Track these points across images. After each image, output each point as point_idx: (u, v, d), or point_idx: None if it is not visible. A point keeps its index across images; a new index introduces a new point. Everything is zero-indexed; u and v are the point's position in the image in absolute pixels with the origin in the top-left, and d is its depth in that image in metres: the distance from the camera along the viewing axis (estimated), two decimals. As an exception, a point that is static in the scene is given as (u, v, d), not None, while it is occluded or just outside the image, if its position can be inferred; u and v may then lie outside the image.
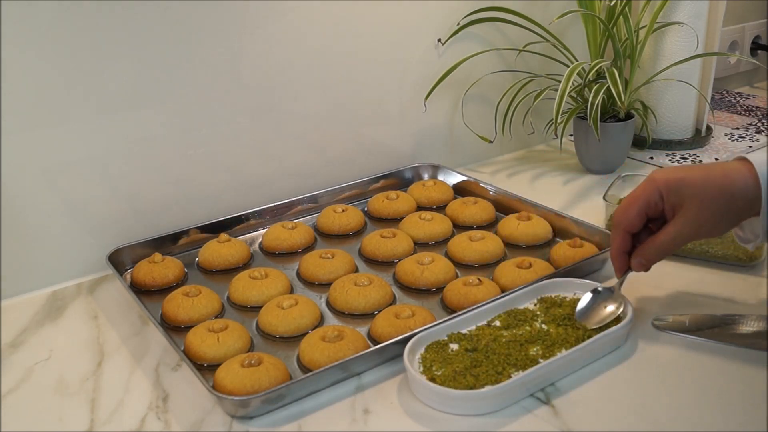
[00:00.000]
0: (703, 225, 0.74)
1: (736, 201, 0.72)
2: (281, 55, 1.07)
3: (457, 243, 0.98)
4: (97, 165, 0.97)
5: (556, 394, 0.73)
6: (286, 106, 1.10)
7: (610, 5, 1.16)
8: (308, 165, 1.15)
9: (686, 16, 1.24)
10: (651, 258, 0.78)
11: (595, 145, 1.19)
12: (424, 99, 1.22)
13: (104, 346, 0.85)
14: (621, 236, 0.78)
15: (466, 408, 0.70)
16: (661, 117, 1.33)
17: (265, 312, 0.85)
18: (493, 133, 1.26)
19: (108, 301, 0.94)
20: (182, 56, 0.99)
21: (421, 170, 1.22)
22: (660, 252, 0.77)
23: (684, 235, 0.75)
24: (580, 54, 1.25)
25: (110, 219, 1.00)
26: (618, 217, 0.78)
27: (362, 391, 0.75)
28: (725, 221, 0.74)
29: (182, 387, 0.77)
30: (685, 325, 0.80)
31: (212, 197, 1.07)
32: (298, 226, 1.04)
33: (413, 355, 0.76)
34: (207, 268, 0.98)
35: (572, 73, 1.11)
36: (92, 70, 0.93)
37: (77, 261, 0.99)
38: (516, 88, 1.23)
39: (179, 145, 1.03)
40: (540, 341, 0.77)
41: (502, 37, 1.27)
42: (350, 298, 0.87)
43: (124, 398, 0.76)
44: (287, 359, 0.79)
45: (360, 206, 1.13)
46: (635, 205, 0.76)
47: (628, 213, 0.76)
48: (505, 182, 1.24)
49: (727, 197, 0.72)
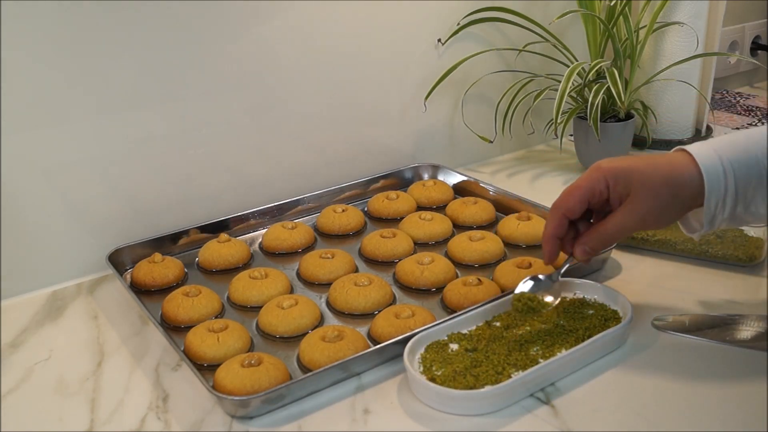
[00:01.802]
0: (649, 215, 0.73)
1: (682, 192, 0.72)
2: (281, 55, 1.07)
3: (457, 243, 0.98)
4: (97, 165, 0.97)
5: (556, 394, 0.73)
6: (286, 106, 1.10)
7: (610, 5, 1.16)
8: (308, 165, 1.15)
9: (686, 16, 1.24)
10: (595, 246, 0.76)
11: (595, 145, 1.19)
12: (424, 99, 1.22)
13: (104, 346, 0.85)
14: (558, 220, 0.76)
15: (466, 408, 0.70)
16: (661, 117, 1.33)
17: (265, 312, 0.85)
18: (493, 133, 1.26)
19: (108, 301, 0.94)
20: (182, 56, 0.99)
21: (421, 170, 1.22)
22: (605, 240, 0.76)
23: (630, 225, 0.74)
24: (580, 54, 1.25)
25: (110, 219, 1.00)
26: (559, 201, 0.76)
27: (362, 391, 0.75)
28: (671, 212, 0.74)
29: (182, 387, 0.77)
30: (685, 325, 0.80)
31: (212, 197, 1.07)
32: (298, 226, 1.04)
33: (413, 355, 0.76)
34: (207, 268, 0.98)
35: (572, 73, 1.11)
36: (92, 70, 0.93)
37: (77, 261, 0.99)
38: (516, 88, 1.23)
39: (179, 145, 1.03)
40: (540, 341, 0.77)
41: (502, 37, 1.27)
42: (350, 298, 0.87)
43: (124, 398, 0.76)
44: (287, 359, 0.79)
45: (360, 206, 1.13)
46: (578, 192, 0.74)
47: (570, 198, 0.75)
48: (505, 182, 1.24)
49: (673, 188, 0.72)
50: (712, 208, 0.72)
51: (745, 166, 0.71)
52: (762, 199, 0.71)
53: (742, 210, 0.72)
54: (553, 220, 0.77)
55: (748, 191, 0.71)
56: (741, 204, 0.72)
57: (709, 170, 0.71)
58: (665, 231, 0.96)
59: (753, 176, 0.71)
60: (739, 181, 0.70)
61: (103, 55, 0.94)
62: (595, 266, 0.93)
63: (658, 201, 0.72)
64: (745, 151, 0.71)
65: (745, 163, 0.71)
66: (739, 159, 0.71)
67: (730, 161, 0.71)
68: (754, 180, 0.71)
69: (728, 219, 0.73)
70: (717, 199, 0.71)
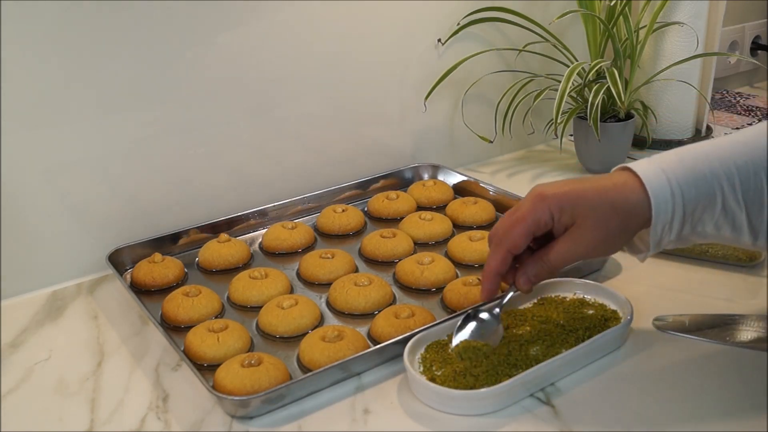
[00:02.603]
0: (597, 245, 0.70)
1: (630, 218, 0.68)
2: (281, 55, 1.07)
3: (457, 243, 0.98)
4: (97, 165, 0.97)
5: (556, 394, 0.73)
6: (286, 106, 1.10)
7: (610, 5, 1.16)
8: (308, 165, 1.15)
9: (686, 16, 1.24)
10: (540, 276, 0.72)
11: (595, 145, 1.19)
12: (424, 99, 1.22)
13: (104, 346, 0.85)
14: (502, 257, 0.71)
15: (466, 408, 0.70)
16: (661, 117, 1.33)
17: (265, 312, 0.85)
18: (493, 133, 1.26)
19: (108, 301, 0.94)
20: (182, 56, 0.99)
21: (421, 170, 1.22)
22: (549, 270, 0.71)
23: (575, 254, 0.70)
24: (580, 54, 1.25)
25: (110, 219, 1.00)
26: (501, 236, 0.71)
27: (362, 391, 0.75)
28: (618, 240, 0.70)
29: (182, 387, 0.77)
30: (685, 325, 0.80)
31: (212, 197, 1.07)
32: (298, 226, 1.04)
33: (413, 355, 0.76)
34: (207, 268, 0.98)
35: (572, 73, 1.11)
36: (92, 69, 0.93)
37: (77, 261, 0.99)
38: (516, 88, 1.23)
39: (179, 145, 1.03)
40: (540, 341, 0.77)
41: (502, 37, 1.27)
42: (350, 298, 0.87)
43: (124, 398, 0.76)
44: (287, 359, 0.79)
45: (360, 206, 1.13)
46: (522, 225, 0.69)
47: (513, 233, 0.70)
48: (505, 182, 1.24)
49: (620, 216, 0.68)
50: (659, 231, 0.68)
51: (693, 186, 0.67)
52: (710, 219, 0.68)
53: (688, 231, 0.69)
54: (495, 256, 0.72)
55: (696, 212, 0.68)
56: (688, 225, 0.68)
57: (656, 193, 0.67)
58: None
59: (701, 196, 0.67)
60: (687, 202, 0.67)
61: (103, 54, 0.94)
62: (595, 266, 0.93)
63: (605, 231, 0.68)
64: (692, 170, 0.67)
65: (693, 183, 0.67)
66: (687, 179, 0.67)
67: (678, 182, 0.67)
68: (703, 200, 0.67)
69: (675, 240, 0.70)
70: (664, 223, 0.68)
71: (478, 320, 0.76)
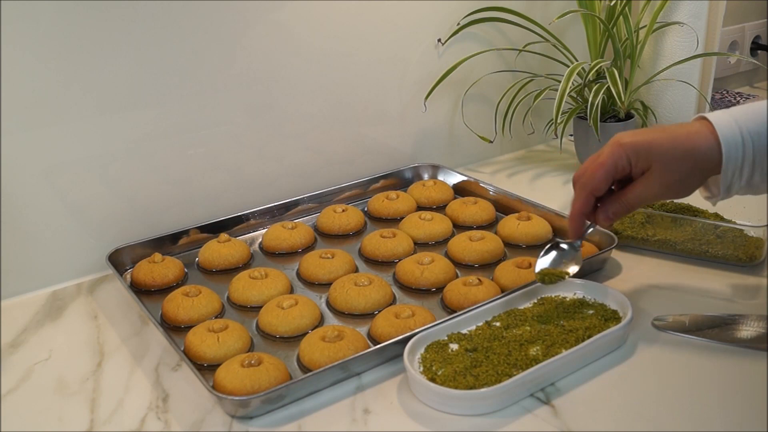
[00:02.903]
0: (670, 187, 0.76)
1: (701, 163, 0.74)
2: (281, 55, 1.07)
3: (457, 243, 0.98)
4: (96, 165, 0.97)
5: (556, 394, 0.73)
6: (286, 106, 1.10)
7: (610, 5, 1.16)
8: (308, 165, 1.15)
9: (686, 16, 1.24)
10: (618, 213, 0.78)
11: (595, 145, 1.18)
12: (424, 99, 1.22)
13: (104, 346, 0.85)
14: (585, 199, 0.78)
15: (466, 408, 0.70)
16: (661, 117, 1.32)
17: (265, 312, 0.85)
18: (493, 133, 1.26)
19: (108, 301, 0.94)
20: (182, 56, 0.99)
21: (421, 170, 1.22)
22: (627, 209, 0.78)
23: (651, 195, 0.77)
24: (580, 54, 1.25)
25: (110, 219, 1.00)
26: (585, 180, 0.78)
27: (362, 391, 0.75)
28: (691, 183, 0.76)
29: (182, 387, 0.77)
30: (685, 325, 0.80)
31: (212, 197, 1.07)
32: (298, 226, 1.04)
33: (413, 355, 0.76)
34: (207, 268, 0.98)
35: (572, 73, 1.11)
36: (92, 69, 0.93)
37: (77, 261, 0.99)
38: (516, 88, 1.23)
39: (179, 145, 1.03)
40: (540, 341, 0.77)
41: (502, 37, 1.27)
42: (350, 298, 0.87)
43: (124, 398, 0.76)
44: (287, 359, 0.79)
45: (360, 206, 1.13)
46: (602, 169, 0.76)
47: (595, 177, 0.76)
48: (505, 182, 1.24)
49: (692, 160, 0.74)
50: (729, 176, 0.74)
51: (764, 135, 0.72)
52: None
53: (758, 179, 0.74)
54: (580, 198, 0.78)
55: (766, 160, 0.73)
56: (758, 173, 0.73)
57: (727, 139, 0.73)
58: (665, 231, 0.96)
59: None
60: (757, 150, 0.72)
61: (102, 54, 0.94)
62: (595, 266, 0.93)
63: (678, 174, 0.74)
64: (763, 121, 0.73)
65: (764, 133, 0.72)
66: (758, 129, 0.73)
67: (749, 130, 0.72)
68: None
69: (745, 187, 0.75)
70: (734, 168, 0.73)
71: (559, 249, 0.84)
